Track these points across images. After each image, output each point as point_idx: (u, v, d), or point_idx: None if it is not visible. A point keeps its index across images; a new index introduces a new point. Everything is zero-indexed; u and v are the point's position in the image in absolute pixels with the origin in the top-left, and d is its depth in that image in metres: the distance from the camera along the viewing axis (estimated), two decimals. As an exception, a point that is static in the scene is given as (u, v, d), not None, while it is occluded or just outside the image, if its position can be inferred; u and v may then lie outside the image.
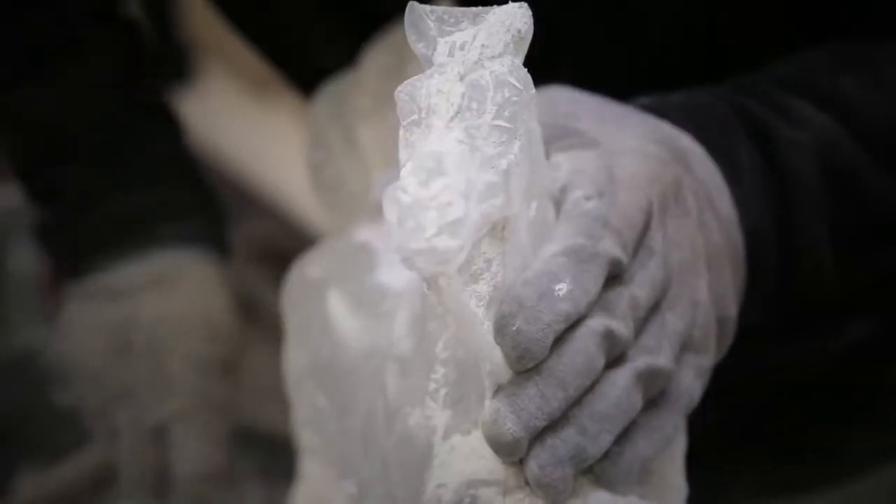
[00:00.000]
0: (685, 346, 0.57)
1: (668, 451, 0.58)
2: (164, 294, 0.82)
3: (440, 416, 0.55)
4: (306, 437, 0.73)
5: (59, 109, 0.85)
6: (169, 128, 0.87)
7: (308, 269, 0.70)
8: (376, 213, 0.70)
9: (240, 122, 1.83)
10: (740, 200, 0.61)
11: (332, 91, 0.74)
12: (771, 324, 0.65)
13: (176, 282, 0.83)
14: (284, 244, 1.60)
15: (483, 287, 0.51)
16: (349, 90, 0.74)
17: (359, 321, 0.65)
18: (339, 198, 0.74)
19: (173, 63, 1.82)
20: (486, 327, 0.52)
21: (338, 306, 0.67)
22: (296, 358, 0.70)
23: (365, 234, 0.70)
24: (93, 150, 0.85)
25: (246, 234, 1.62)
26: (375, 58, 0.73)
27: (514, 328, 0.52)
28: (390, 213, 0.47)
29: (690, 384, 0.57)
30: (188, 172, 0.86)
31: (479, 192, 0.48)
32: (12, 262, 1.16)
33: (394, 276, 0.66)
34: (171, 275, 0.83)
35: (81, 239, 0.86)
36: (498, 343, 0.52)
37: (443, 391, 0.55)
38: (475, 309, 0.51)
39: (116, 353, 0.81)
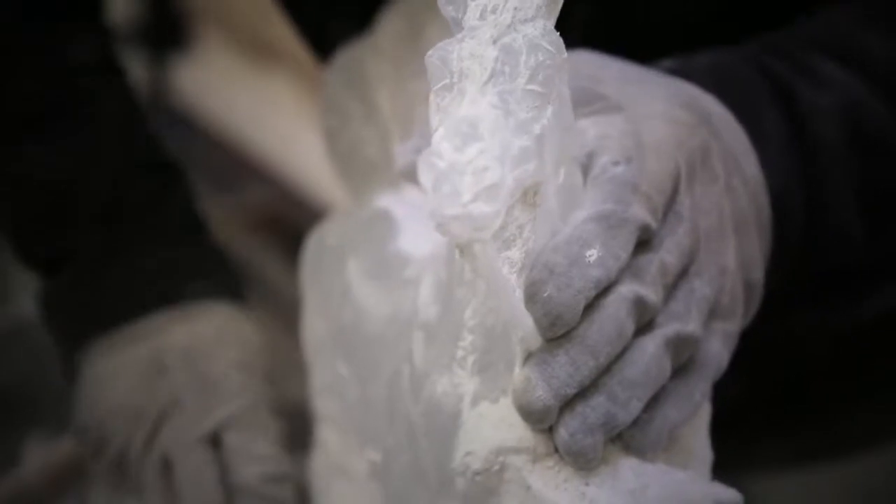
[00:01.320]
0: (713, 313, 0.57)
1: (693, 418, 0.58)
2: (191, 324, 0.77)
3: (468, 384, 0.55)
4: (324, 405, 0.72)
5: (62, 168, 0.80)
6: (179, 186, 0.82)
7: (326, 236, 0.69)
8: (395, 179, 0.70)
9: (238, 88, 1.82)
10: (766, 164, 0.60)
11: (348, 56, 0.74)
12: (796, 289, 0.64)
13: (201, 315, 0.77)
14: (283, 211, 1.60)
15: (515, 253, 0.51)
16: (365, 55, 0.73)
17: (380, 288, 0.64)
18: (354, 165, 0.73)
19: (171, 30, 1.81)
20: (518, 294, 0.51)
21: (358, 274, 0.66)
22: (315, 325, 0.70)
23: (384, 200, 0.69)
24: (102, 210, 0.79)
25: (243, 201, 1.62)
26: (392, 22, 0.72)
27: (546, 295, 0.51)
28: (425, 178, 0.47)
29: (718, 350, 0.57)
30: (202, 230, 0.81)
31: (514, 157, 0.48)
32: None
33: (414, 243, 0.66)
34: (196, 313, 0.77)
35: (100, 299, 0.79)
36: (528, 310, 0.51)
37: (471, 358, 0.55)
38: (508, 276, 0.50)
39: (150, 380, 0.75)
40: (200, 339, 0.76)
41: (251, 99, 1.80)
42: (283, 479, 0.74)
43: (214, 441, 0.74)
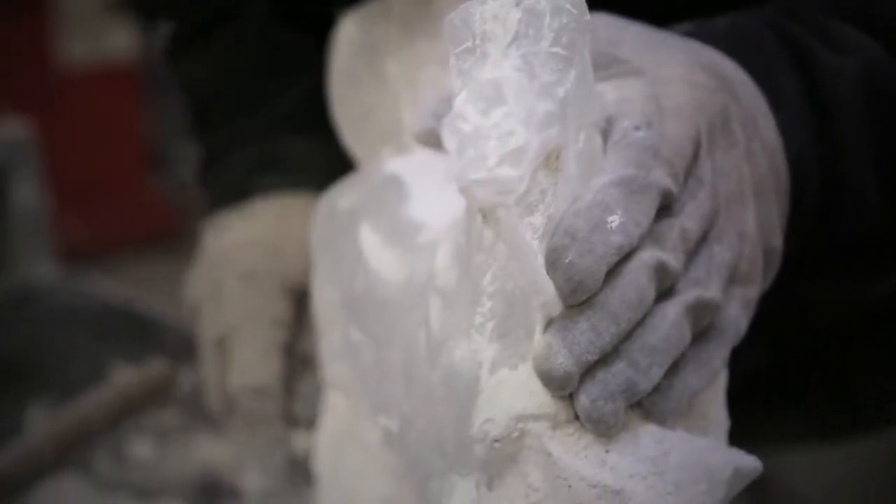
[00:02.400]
0: (731, 278, 0.56)
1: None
2: (236, 222, 0.86)
3: (487, 350, 0.54)
4: (334, 371, 0.72)
5: (213, 70, 0.93)
6: (303, 71, 0.90)
7: (337, 202, 0.69)
8: (406, 144, 0.69)
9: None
10: (783, 128, 0.60)
11: (358, 19, 0.73)
12: (813, 257, 0.64)
13: (251, 214, 0.86)
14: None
15: (538, 219, 0.50)
16: (375, 19, 0.72)
17: (393, 254, 0.64)
18: (364, 130, 0.73)
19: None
20: (540, 260, 0.51)
21: (370, 239, 0.65)
22: (326, 292, 0.69)
23: (395, 166, 0.68)
24: (232, 105, 0.91)
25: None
26: (401, -15, 0.71)
27: (567, 261, 0.51)
28: (449, 142, 0.46)
29: (737, 316, 0.56)
30: (308, 118, 0.89)
31: (538, 121, 0.47)
32: (16, 196, 1.15)
33: (426, 208, 0.65)
34: (251, 209, 0.86)
35: (208, 189, 0.91)
36: (550, 276, 0.51)
37: (490, 325, 0.54)
38: (531, 241, 0.50)
39: (200, 274, 0.85)
40: (232, 242, 0.85)
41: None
42: (268, 394, 0.76)
43: (221, 348, 0.81)
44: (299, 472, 0.90)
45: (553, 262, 0.51)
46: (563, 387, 0.52)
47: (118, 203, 2.48)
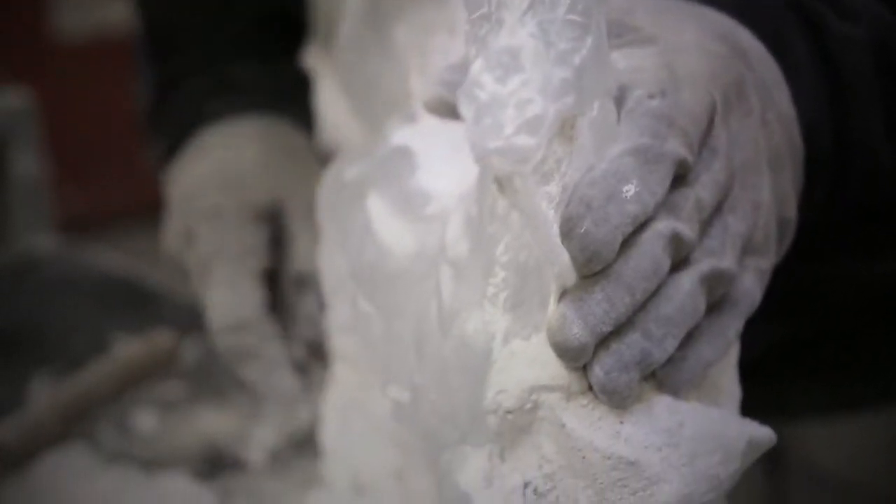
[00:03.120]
0: (746, 249, 0.56)
1: (724, 355, 0.57)
2: (190, 160, 0.85)
3: (500, 321, 0.54)
4: (342, 343, 0.71)
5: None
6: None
7: (344, 172, 0.68)
8: (413, 114, 0.69)
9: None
10: (797, 96, 0.59)
11: (364, -12, 0.72)
12: (826, 229, 0.63)
13: (201, 148, 0.86)
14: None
15: (553, 188, 0.50)
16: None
17: (403, 224, 0.63)
18: (371, 99, 0.72)
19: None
20: (556, 230, 0.50)
21: (379, 209, 0.65)
22: (334, 263, 0.69)
23: (403, 136, 0.68)
24: (183, 33, 0.90)
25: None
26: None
27: (582, 230, 0.50)
28: (465, 110, 0.46)
29: (751, 287, 0.56)
30: (259, 41, 0.88)
31: (555, 89, 0.47)
32: (16, 166, 1.14)
33: (435, 178, 0.64)
34: (201, 142, 0.86)
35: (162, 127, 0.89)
36: (565, 245, 0.50)
37: (502, 295, 0.54)
38: (547, 210, 0.49)
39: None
40: (192, 183, 0.85)
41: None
42: (241, 328, 0.80)
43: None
44: (304, 444, 0.90)
45: (568, 232, 0.50)
46: (577, 358, 0.52)
47: (113, 175, 2.47)
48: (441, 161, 0.65)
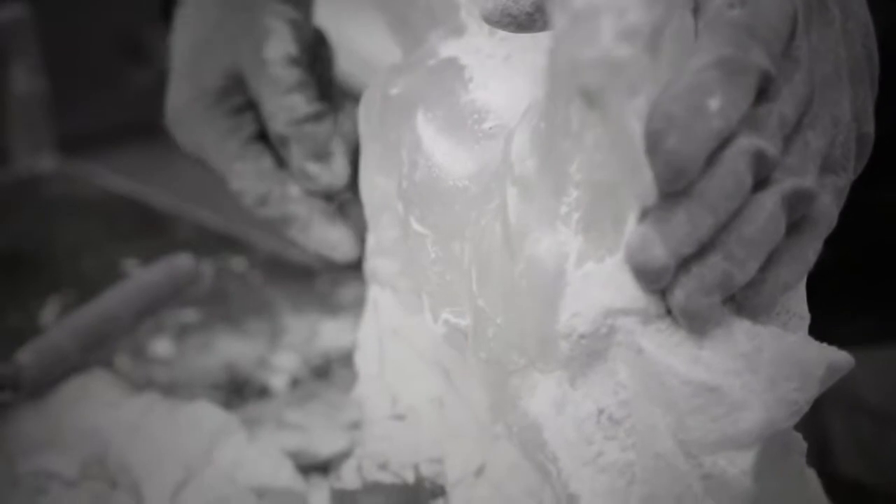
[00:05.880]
0: (824, 166, 0.54)
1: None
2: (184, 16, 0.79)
3: (572, 242, 0.52)
4: (382, 265, 0.69)
5: None
6: None
7: (388, 87, 0.65)
8: (459, 27, 0.66)
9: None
10: (873, 6, 0.57)
11: None
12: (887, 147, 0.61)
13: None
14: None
15: (640, 102, 0.47)
16: None
17: (457, 142, 0.61)
18: (411, 10, 0.69)
19: None
20: (641, 146, 0.48)
21: (429, 127, 0.62)
22: (376, 183, 0.66)
23: (451, 48, 0.65)
24: None
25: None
26: None
27: (668, 146, 0.48)
28: (559, 18, 0.43)
29: (829, 206, 0.54)
30: None
31: None
32: (15, 83, 1.10)
33: (489, 93, 0.62)
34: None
35: None
36: (650, 161, 0.48)
37: (575, 215, 0.52)
38: (636, 125, 0.47)
39: None
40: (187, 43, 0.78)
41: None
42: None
43: None
44: (328, 368, 0.88)
45: (652, 147, 0.48)
46: (658, 280, 0.50)
47: (100, 94, 2.43)
48: (494, 75, 0.62)
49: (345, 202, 0.76)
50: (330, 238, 0.74)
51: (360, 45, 1.35)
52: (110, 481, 0.73)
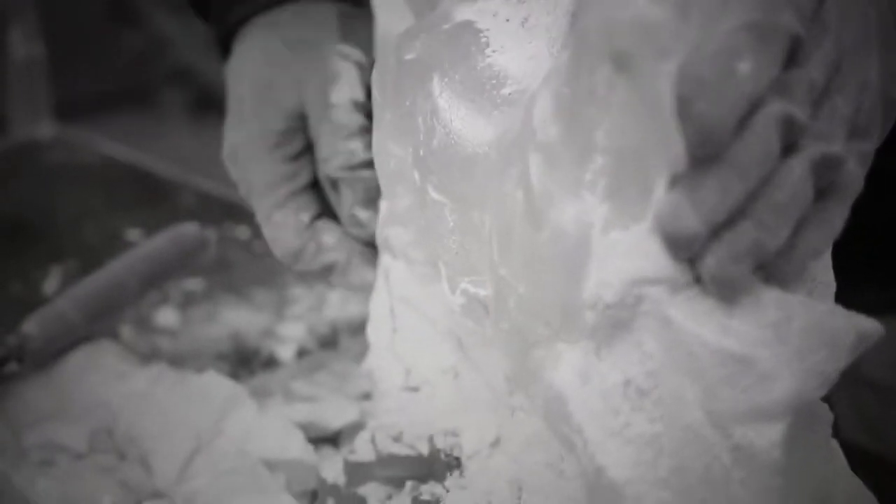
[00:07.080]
0: (851, 131, 0.52)
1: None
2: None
3: (598, 210, 0.51)
4: (394, 234, 0.68)
5: None
6: None
7: (403, 51, 0.64)
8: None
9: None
10: None
11: None
12: None
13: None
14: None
15: (670, 66, 0.46)
16: None
17: (475, 108, 0.59)
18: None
19: None
20: (671, 111, 0.47)
21: (446, 92, 0.61)
22: (391, 150, 0.65)
23: (465, 12, 0.63)
24: None
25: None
26: None
27: (698, 110, 0.47)
28: (592, -22, 0.42)
29: (856, 172, 0.53)
30: None
31: None
32: (14, 47, 1.09)
33: (508, 58, 0.60)
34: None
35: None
36: (680, 126, 0.47)
37: (601, 182, 0.51)
38: (666, 90, 0.46)
39: None
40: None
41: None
42: None
43: None
44: (336, 338, 0.87)
45: (683, 111, 0.47)
46: (688, 248, 0.49)
47: (92, 58, 2.41)
48: (512, 39, 0.61)
49: None
50: (369, 279, 0.73)
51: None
52: (118, 453, 0.72)
